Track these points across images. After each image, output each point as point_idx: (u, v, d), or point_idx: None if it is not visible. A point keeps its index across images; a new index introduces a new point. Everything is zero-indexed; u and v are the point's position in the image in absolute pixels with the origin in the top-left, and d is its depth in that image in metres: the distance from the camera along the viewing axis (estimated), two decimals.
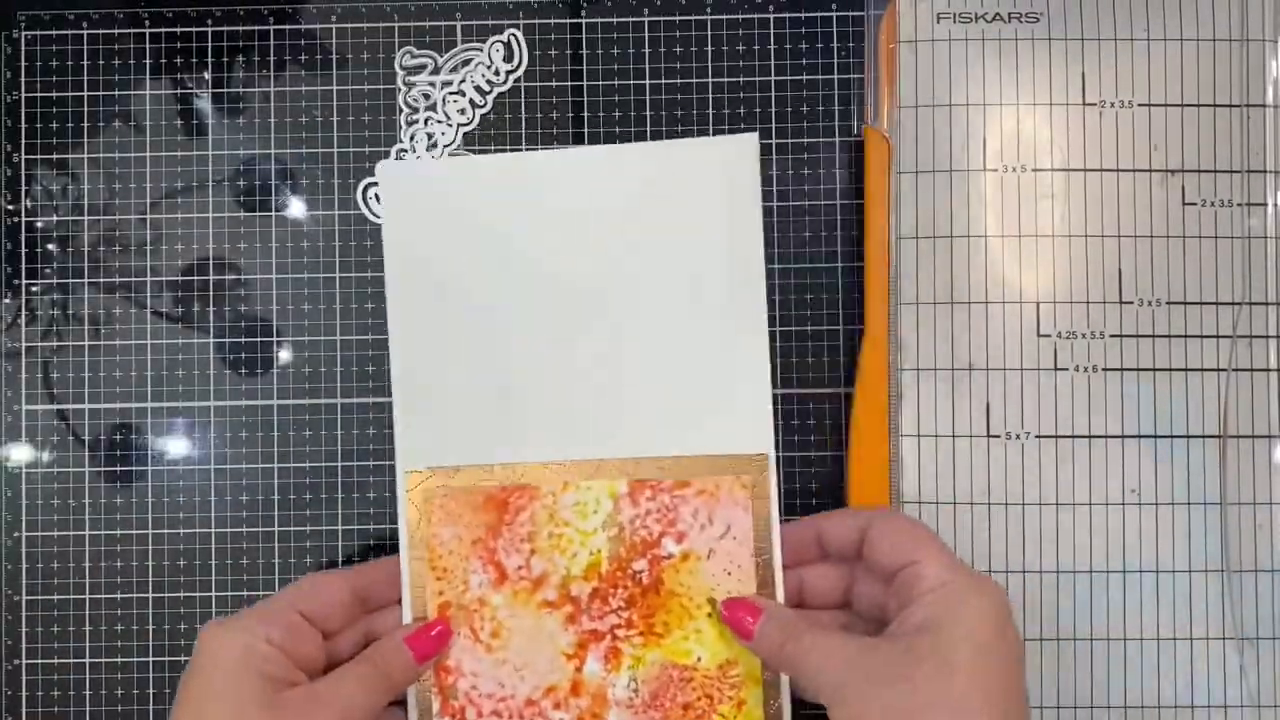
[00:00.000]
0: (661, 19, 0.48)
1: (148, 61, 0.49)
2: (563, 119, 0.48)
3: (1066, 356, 0.45)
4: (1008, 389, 0.45)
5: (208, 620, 0.47)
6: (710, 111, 0.48)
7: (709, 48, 0.48)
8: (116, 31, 0.49)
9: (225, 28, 0.48)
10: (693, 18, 0.48)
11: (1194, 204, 0.45)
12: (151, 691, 0.47)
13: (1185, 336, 0.45)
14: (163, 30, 0.49)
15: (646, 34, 0.48)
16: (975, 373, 0.45)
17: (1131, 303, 0.45)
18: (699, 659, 0.42)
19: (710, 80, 0.48)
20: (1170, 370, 0.45)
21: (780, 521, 0.43)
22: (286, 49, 0.49)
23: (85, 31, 0.49)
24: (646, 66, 0.48)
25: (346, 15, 0.48)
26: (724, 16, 0.48)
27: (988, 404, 0.45)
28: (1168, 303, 0.45)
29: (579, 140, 0.48)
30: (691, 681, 0.42)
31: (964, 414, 0.45)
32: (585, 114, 0.48)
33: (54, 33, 0.49)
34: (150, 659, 0.47)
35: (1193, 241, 0.45)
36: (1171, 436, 0.44)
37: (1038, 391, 0.45)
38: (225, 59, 0.48)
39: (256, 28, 0.49)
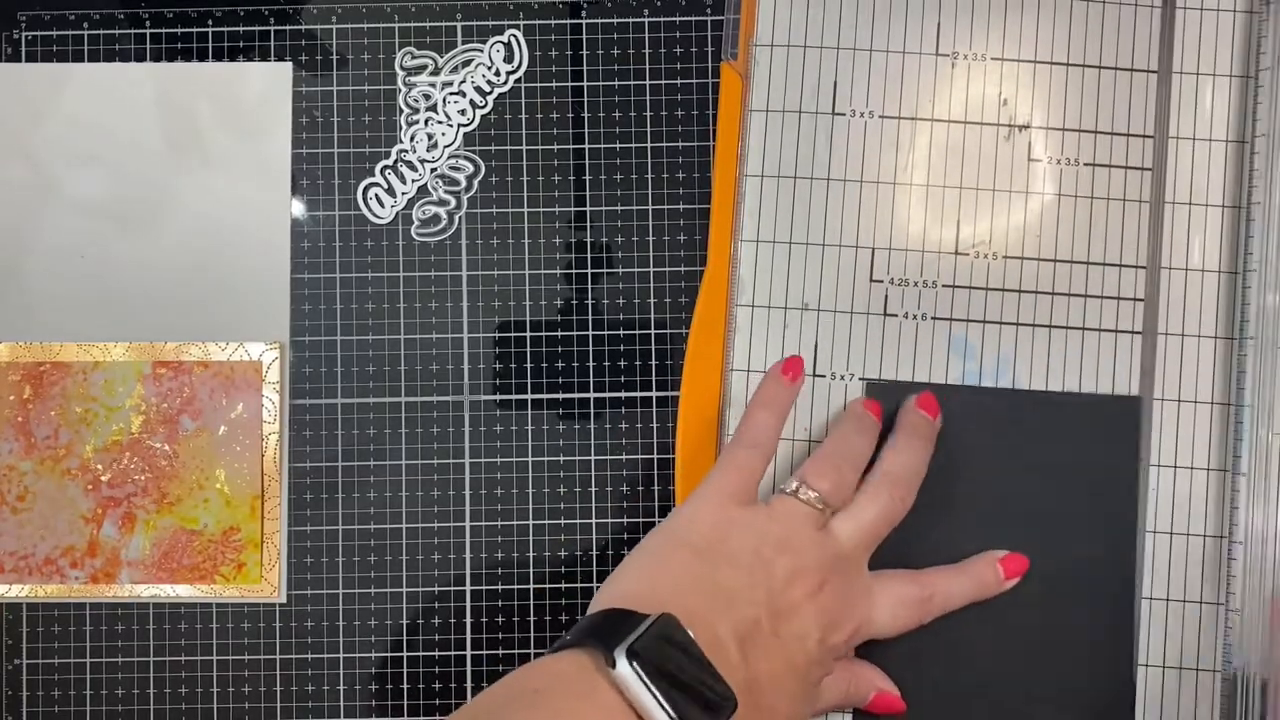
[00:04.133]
0: (661, 19, 0.48)
1: (148, 62, 0.49)
2: (563, 119, 0.48)
3: (897, 304, 0.45)
4: (836, 331, 0.45)
5: (206, 620, 0.47)
6: (710, 112, 0.48)
7: (709, 48, 0.48)
8: (117, 31, 0.49)
9: (225, 28, 0.49)
10: (693, 18, 0.48)
11: (1039, 160, 0.45)
12: (151, 691, 0.47)
13: (1020, 291, 0.45)
14: (163, 30, 0.49)
15: (646, 34, 0.48)
16: (807, 313, 0.45)
17: (967, 254, 0.45)
18: (205, 525, 0.47)
19: (710, 81, 0.48)
20: (1000, 324, 0.45)
21: None
22: (286, 49, 0.49)
23: (85, 32, 0.49)
24: (646, 66, 0.48)
25: (346, 15, 0.49)
26: (724, 17, 0.48)
27: (815, 344, 0.45)
28: (1004, 256, 0.45)
29: (579, 140, 0.48)
30: (197, 545, 0.47)
31: (792, 352, 0.45)
32: (585, 114, 0.48)
33: (54, 33, 0.49)
34: (150, 659, 0.47)
35: (1035, 197, 0.45)
36: (997, 389, 0.45)
37: (865, 336, 0.45)
38: (226, 59, 0.49)
39: (256, 28, 0.49)
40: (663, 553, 0.39)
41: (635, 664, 0.33)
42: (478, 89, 0.48)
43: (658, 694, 0.33)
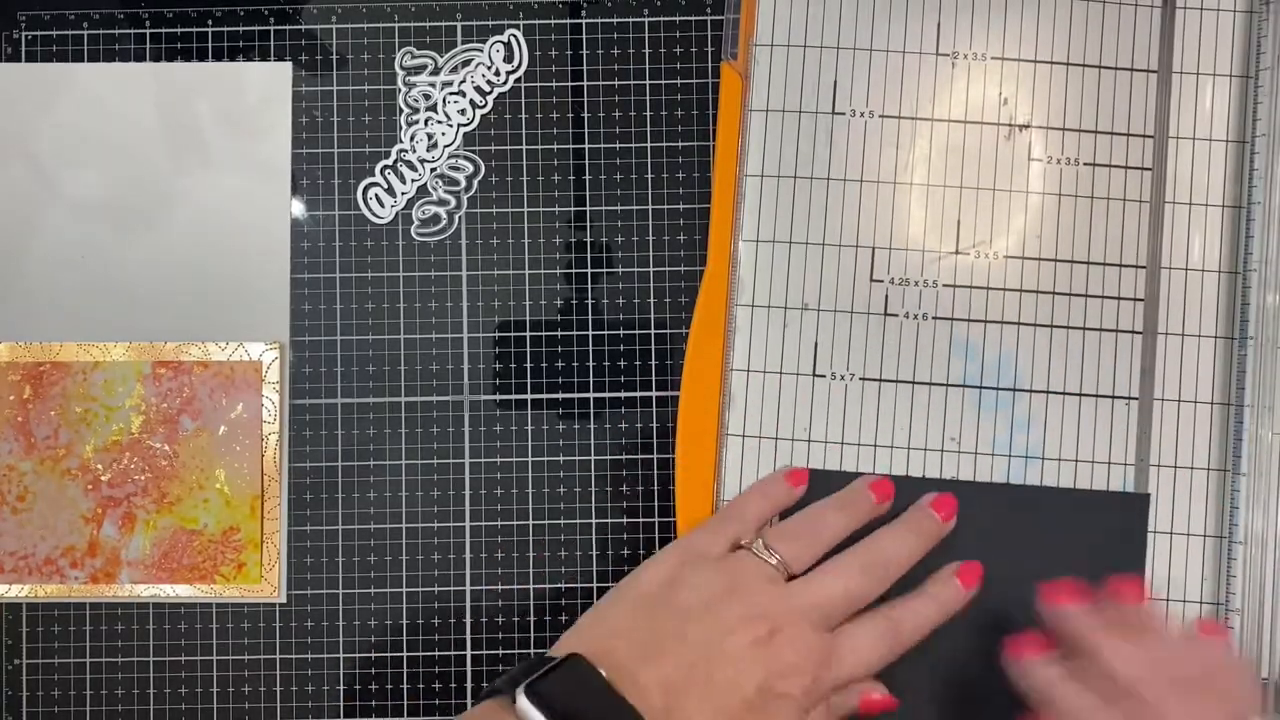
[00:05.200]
0: (661, 19, 0.48)
1: (148, 62, 0.49)
2: (563, 119, 0.48)
3: (898, 303, 0.45)
4: (836, 331, 0.45)
5: (206, 620, 0.47)
6: (710, 112, 0.48)
7: (709, 48, 0.48)
8: (117, 31, 0.49)
9: (225, 28, 0.49)
10: (693, 18, 0.48)
11: (1039, 160, 0.45)
12: (151, 691, 0.47)
13: (1020, 291, 0.45)
14: (163, 30, 0.49)
15: (646, 34, 0.48)
16: (807, 313, 0.45)
17: (967, 254, 0.45)
18: (205, 525, 0.47)
19: (710, 81, 0.48)
20: (1002, 323, 0.45)
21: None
22: (286, 49, 0.49)
23: (85, 32, 0.49)
24: (646, 66, 0.48)
25: (346, 15, 0.49)
26: (724, 16, 0.48)
27: (816, 344, 0.45)
28: (1005, 256, 0.45)
29: (579, 140, 0.48)
30: (197, 545, 0.47)
31: (793, 352, 0.45)
32: (585, 114, 0.48)
33: (54, 33, 0.49)
34: (150, 659, 0.47)
35: (1035, 197, 0.45)
36: (998, 389, 0.45)
37: (865, 335, 0.45)
38: (226, 59, 0.49)
39: (256, 28, 0.49)
40: (607, 606, 0.40)
41: (533, 700, 0.35)
42: (478, 89, 0.48)
43: None
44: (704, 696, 0.37)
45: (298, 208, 0.48)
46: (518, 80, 0.48)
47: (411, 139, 0.48)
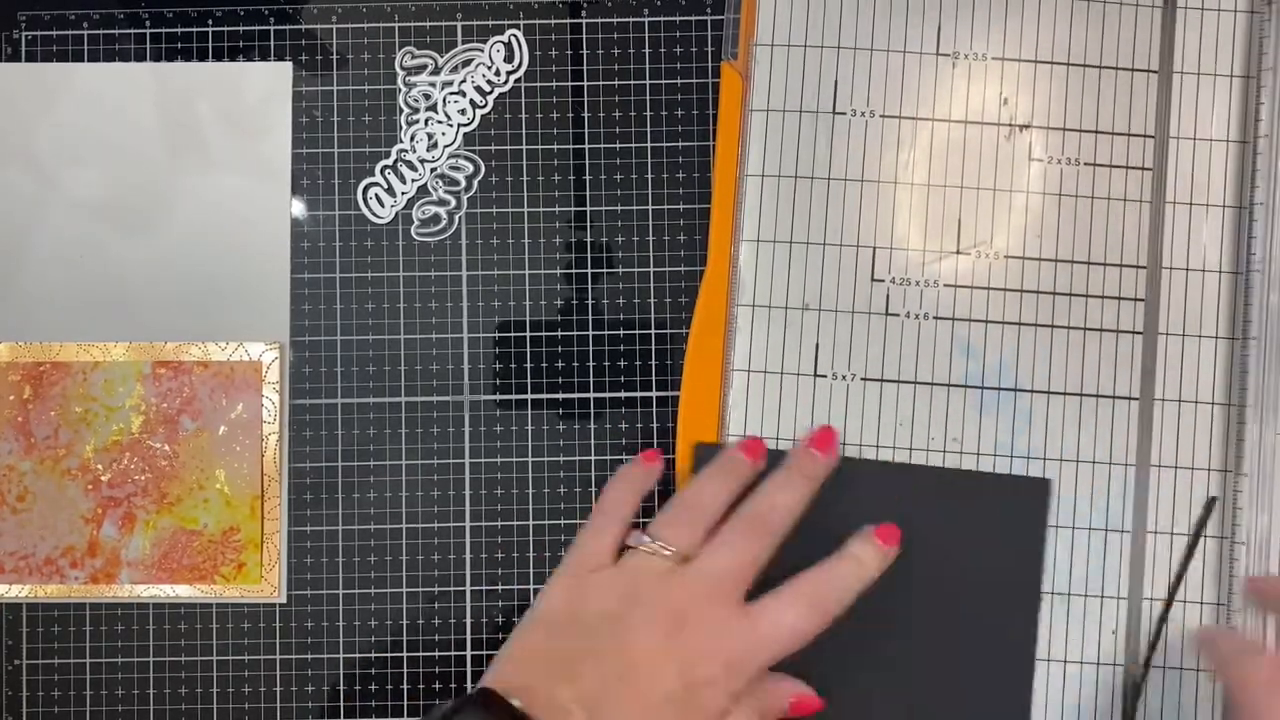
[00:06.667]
0: (661, 19, 0.48)
1: (148, 62, 0.49)
2: (563, 119, 0.48)
3: (899, 303, 0.45)
4: (838, 331, 0.45)
5: (206, 620, 0.47)
6: (710, 112, 0.48)
7: (709, 48, 0.48)
8: (117, 31, 0.49)
9: (225, 28, 0.49)
10: (693, 18, 0.48)
11: (1040, 160, 0.45)
12: (151, 691, 0.47)
13: (1021, 291, 0.45)
14: (163, 30, 0.49)
15: (646, 34, 0.48)
16: (808, 313, 0.45)
17: (968, 254, 0.45)
18: (205, 525, 0.47)
19: (710, 81, 0.48)
20: (1002, 323, 0.45)
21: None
22: (287, 49, 0.49)
23: (86, 32, 0.49)
24: (647, 66, 0.48)
25: (346, 15, 0.49)
26: (724, 16, 0.48)
27: (817, 344, 0.45)
28: (1006, 256, 0.45)
29: (579, 140, 0.48)
30: (197, 545, 0.47)
31: (793, 352, 0.45)
32: (585, 114, 0.48)
33: (54, 33, 0.49)
34: (150, 659, 0.47)
35: (1035, 197, 0.45)
36: (998, 389, 0.45)
37: (866, 335, 0.45)
38: (226, 59, 0.49)
39: (256, 28, 0.49)
40: (519, 635, 0.41)
41: None
42: (478, 89, 0.48)
43: None
44: (628, 702, 0.37)
45: (298, 208, 0.48)
46: (518, 80, 0.48)
47: (411, 139, 0.48)
